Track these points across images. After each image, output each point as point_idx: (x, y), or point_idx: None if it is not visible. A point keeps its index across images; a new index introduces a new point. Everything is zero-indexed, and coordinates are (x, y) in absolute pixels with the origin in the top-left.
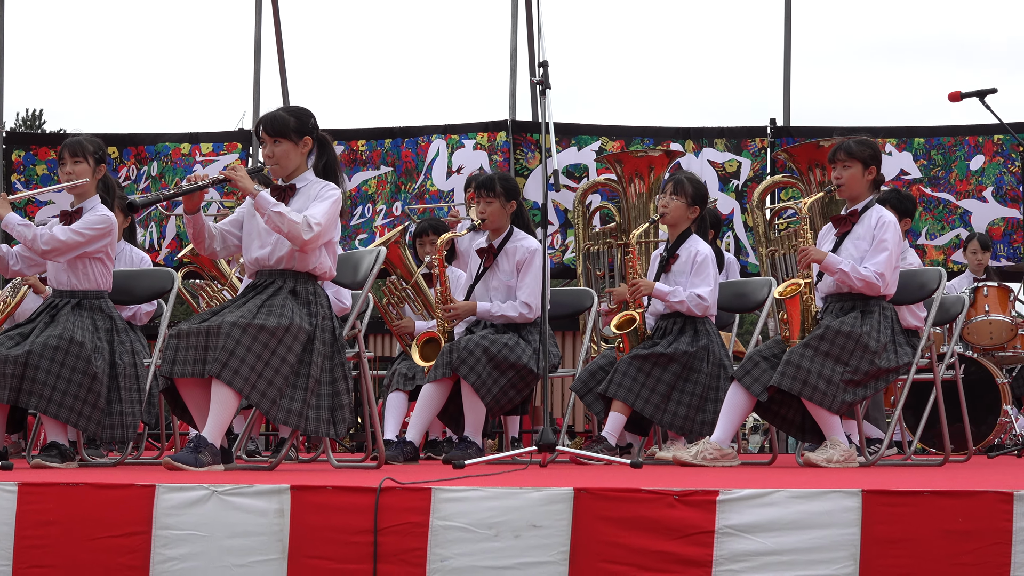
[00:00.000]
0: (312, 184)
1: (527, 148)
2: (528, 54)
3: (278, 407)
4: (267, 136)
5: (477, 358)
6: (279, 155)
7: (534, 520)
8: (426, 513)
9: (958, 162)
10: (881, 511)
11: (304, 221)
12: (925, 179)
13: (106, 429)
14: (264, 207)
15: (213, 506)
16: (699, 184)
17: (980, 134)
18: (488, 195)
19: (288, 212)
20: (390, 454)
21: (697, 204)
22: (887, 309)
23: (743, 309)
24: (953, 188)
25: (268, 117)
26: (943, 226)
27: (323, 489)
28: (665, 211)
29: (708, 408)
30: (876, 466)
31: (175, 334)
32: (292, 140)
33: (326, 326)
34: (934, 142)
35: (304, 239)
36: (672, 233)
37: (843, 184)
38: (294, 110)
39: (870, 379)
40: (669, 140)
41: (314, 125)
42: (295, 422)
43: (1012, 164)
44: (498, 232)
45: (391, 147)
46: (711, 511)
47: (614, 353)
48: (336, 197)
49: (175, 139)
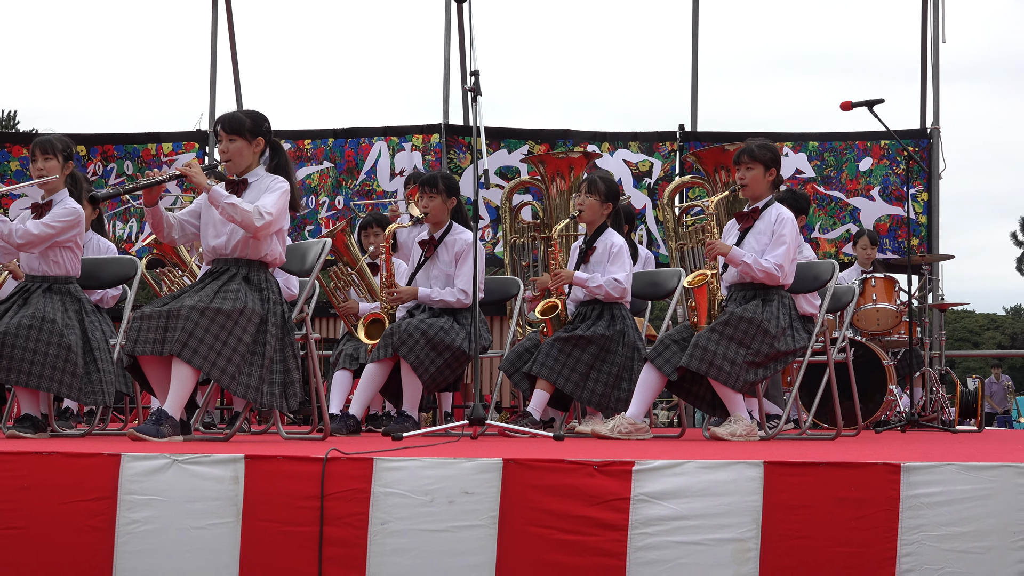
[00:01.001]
0: (263, 178)
1: (459, 150)
2: (460, 63)
3: (237, 382)
4: (224, 133)
5: (416, 340)
6: (233, 152)
7: (466, 487)
8: (368, 480)
9: (848, 163)
10: (781, 480)
11: (255, 210)
12: (819, 178)
13: (87, 395)
14: (218, 200)
15: (174, 474)
16: (611, 183)
17: (869, 139)
18: (431, 191)
19: (240, 203)
20: (335, 427)
21: (610, 201)
22: (785, 297)
23: (655, 297)
24: (844, 187)
25: (227, 116)
26: (835, 222)
27: (274, 459)
28: (582, 208)
29: (623, 386)
30: (775, 440)
31: (138, 316)
32: (246, 139)
33: (277, 310)
34: (827, 145)
35: (256, 226)
36: (589, 228)
37: (746, 184)
38: (250, 113)
39: (770, 360)
40: (587, 142)
41: (268, 129)
42: (253, 396)
43: (897, 167)
44: (439, 226)
45: (334, 146)
46: (627, 480)
47: (538, 336)
48: (285, 188)
49: (140, 139)
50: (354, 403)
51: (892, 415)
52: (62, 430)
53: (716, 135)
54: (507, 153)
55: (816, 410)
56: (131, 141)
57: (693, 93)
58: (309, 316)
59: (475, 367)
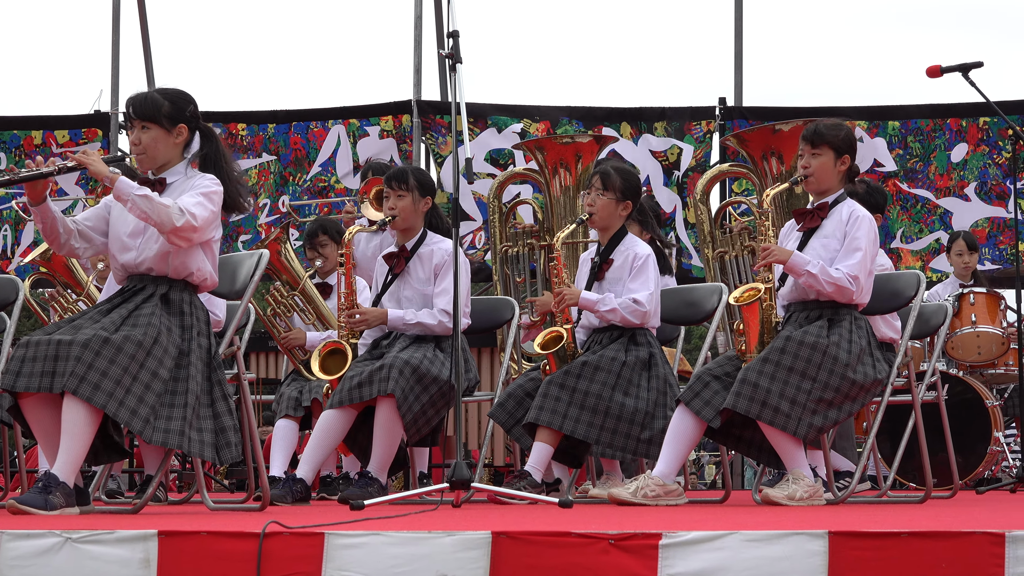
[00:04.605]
0: (186, 178)
1: (437, 132)
2: (435, 23)
3: (152, 427)
4: (135, 120)
5: (400, 370)
6: (147, 143)
7: (445, 570)
8: (318, 562)
9: (938, 152)
10: (851, 556)
11: (175, 206)
12: (901, 172)
13: None
14: (126, 192)
15: (67, 556)
16: (629, 175)
17: (963, 115)
18: (400, 189)
19: (156, 196)
20: (276, 493)
21: (629, 199)
22: (860, 319)
23: (690, 320)
24: (932, 184)
25: (137, 98)
26: (921, 228)
27: (196, 535)
28: (592, 210)
29: (646, 431)
30: (846, 503)
31: (23, 344)
32: (163, 127)
33: (202, 342)
34: (911, 126)
35: (175, 225)
36: (603, 235)
37: (811, 174)
38: (169, 92)
39: (843, 399)
40: (601, 124)
41: (193, 113)
42: (175, 441)
43: (998, 154)
44: (409, 233)
45: (275, 133)
46: (652, 557)
47: (540, 374)
48: (215, 188)
49: (20, 124)
50: (304, 462)
51: (998, 471)
52: None
53: (768, 111)
54: (497, 132)
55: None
56: (8, 126)
57: (737, 58)
58: (242, 351)
59: (457, 413)
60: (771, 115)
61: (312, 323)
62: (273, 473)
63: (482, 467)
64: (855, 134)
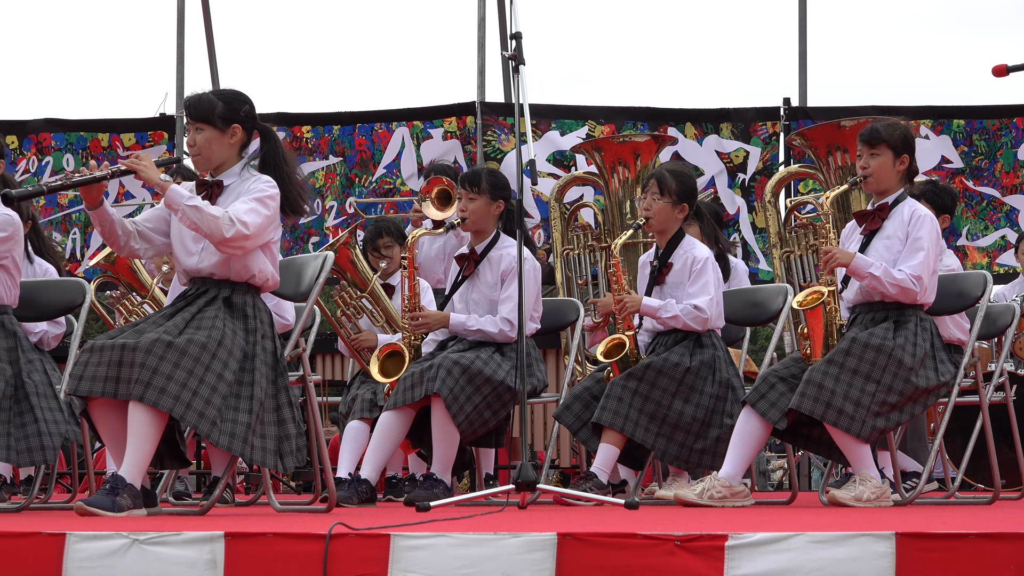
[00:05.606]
0: (243, 180)
1: (499, 130)
2: (499, 25)
3: (219, 430)
4: (190, 121)
5: (448, 370)
6: (201, 144)
7: (511, 571)
8: (384, 563)
9: (1004, 149)
10: (918, 557)
11: (225, 216)
12: (967, 170)
13: (22, 453)
14: (176, 201)
15: (133, 557)
16: (685, 177)
17: None
18: (472, 191)
19: (206, 206)
20: (342, 495)
21: (685, 201)
22: (925, 320)
23: (755, 322)
24: (998, 181)
25: (192, 99)
26: (986, 225)
27: (263, 536)
28: (648, 214)
29: (700, 441)
30: (913, 504)
31: (87, 348)
32: (217, 127)
33: (267, 345)
34: (976, 125)
35: (225, 236)
36: (661, 240)
37: (870, 175)
38: (224, 93)
39: (906, 401)
40: (667, 124)
41: (248, 113)
42: (239, 448)
43: None
44: (481, 235)
45: (340, 135)
46: (719, 559)
47: (604, 376)
48: (270, 192)
49: (88, 127)
50: (367, 464)
51: None
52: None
53: (831, 111)
54: (559, 135)
55: (967, 466)
56: (76, 128)
57: (801, 58)
58: (308, 353)
59: (523, 415)
60: (836, 115)
61: (381, 325)
62: (340, 474)
63: (549, 468)
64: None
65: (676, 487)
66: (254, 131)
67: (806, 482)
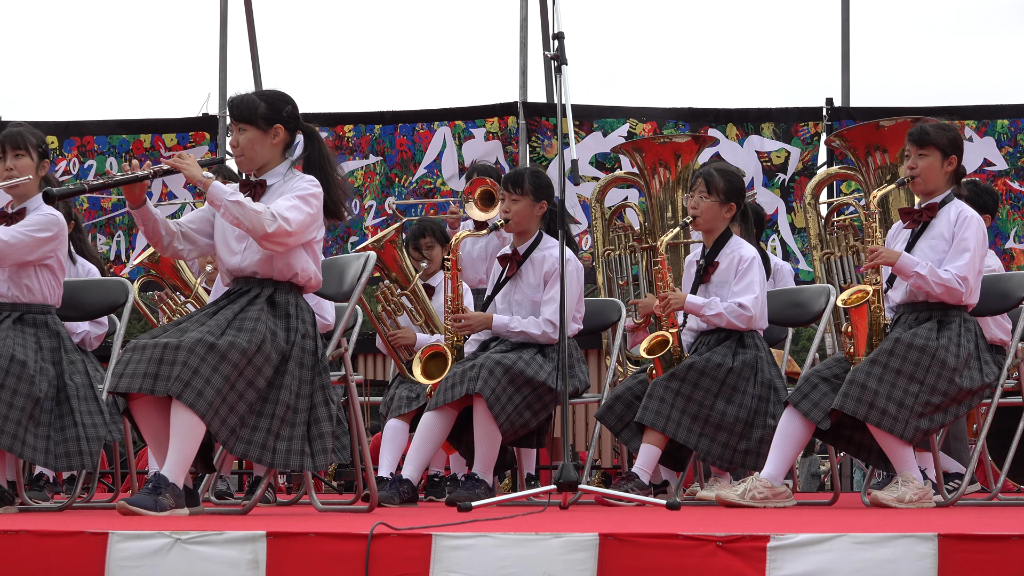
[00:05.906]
0: (287, 180)
1: (542, 134)
2: (541, 25)
3: (236, 437)
4: (233, 122)
5: (490, 370)
6: (244, 144)
7: (552, 571)
8: (426, 564)
9: None
10: (961, 559)
11: (267, 211)
12: (1012, 171)
13: (60, 458)
14: (219, 197)
15: (176, 557)
16: (732, 176)
17: None
18: (515, 191)
19: (248, 202)
20: (384, 495)
21: (732, 200)
22: (969, 321)
23: (798, 322)
24: None
25: (235, 100)
26: None
27: (305, 536)
28: (696, 213)
29: (744, 441)
30: (956, 506)
31: (130, 347)
32: (260, 128)
33: (307, 345)
34: (1020, 125)
35: (267, 231)
36: (708, 239)
37: (918, 176)
38: (266, 94)
39: (949, 402)
40: (708, 124)
41: (291, 113)
42: (256, 454)
43: None
44: (524, 236)
45: (381, 134)
46: (760, 560)
47: (647, 376)
48: (313, 191)
49: (131, 128)
50: (408, 463)
51: None
52: (34, 503)
53: (875, 111)
54: (602, 136)
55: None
56: (118, 130)
57: (844, 58)
58: (350, 352)
59: (564, 415)
60: (878, 115)
61: (420, 324)
62: (381, 474)
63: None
64: (964, 134)
65: (718, 488)
66: (297, 131)
67: (848, 483)
